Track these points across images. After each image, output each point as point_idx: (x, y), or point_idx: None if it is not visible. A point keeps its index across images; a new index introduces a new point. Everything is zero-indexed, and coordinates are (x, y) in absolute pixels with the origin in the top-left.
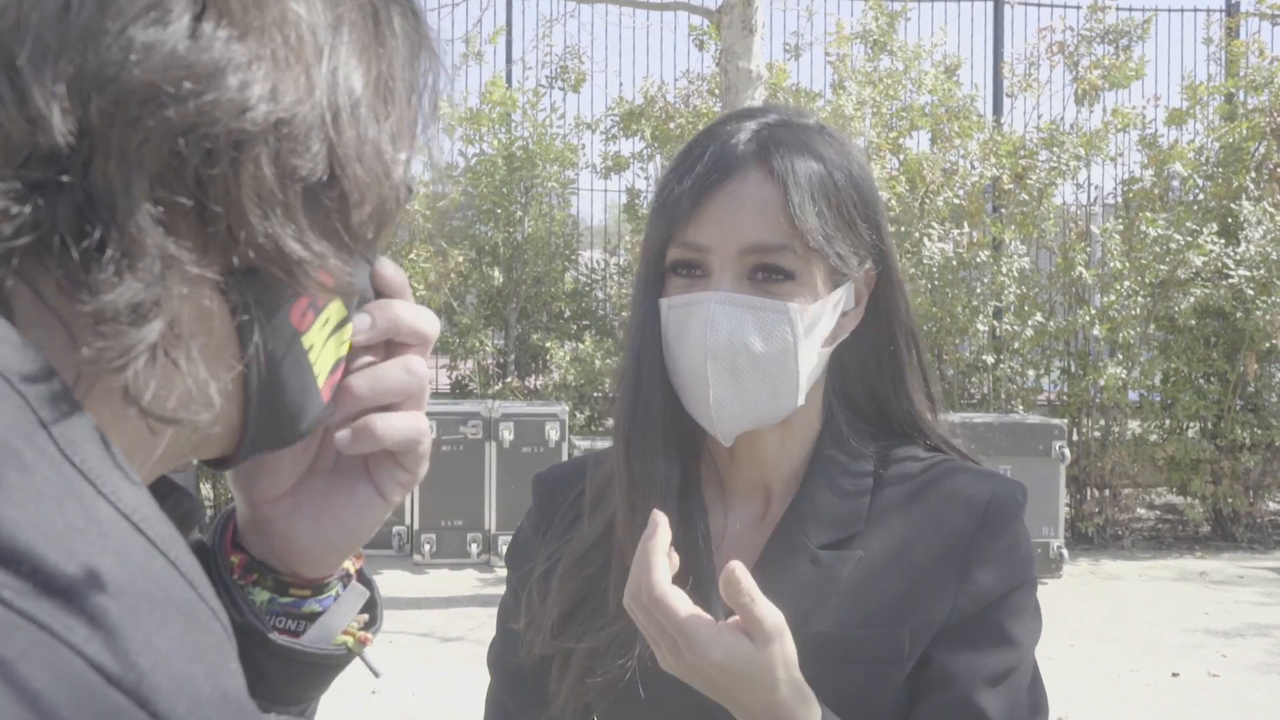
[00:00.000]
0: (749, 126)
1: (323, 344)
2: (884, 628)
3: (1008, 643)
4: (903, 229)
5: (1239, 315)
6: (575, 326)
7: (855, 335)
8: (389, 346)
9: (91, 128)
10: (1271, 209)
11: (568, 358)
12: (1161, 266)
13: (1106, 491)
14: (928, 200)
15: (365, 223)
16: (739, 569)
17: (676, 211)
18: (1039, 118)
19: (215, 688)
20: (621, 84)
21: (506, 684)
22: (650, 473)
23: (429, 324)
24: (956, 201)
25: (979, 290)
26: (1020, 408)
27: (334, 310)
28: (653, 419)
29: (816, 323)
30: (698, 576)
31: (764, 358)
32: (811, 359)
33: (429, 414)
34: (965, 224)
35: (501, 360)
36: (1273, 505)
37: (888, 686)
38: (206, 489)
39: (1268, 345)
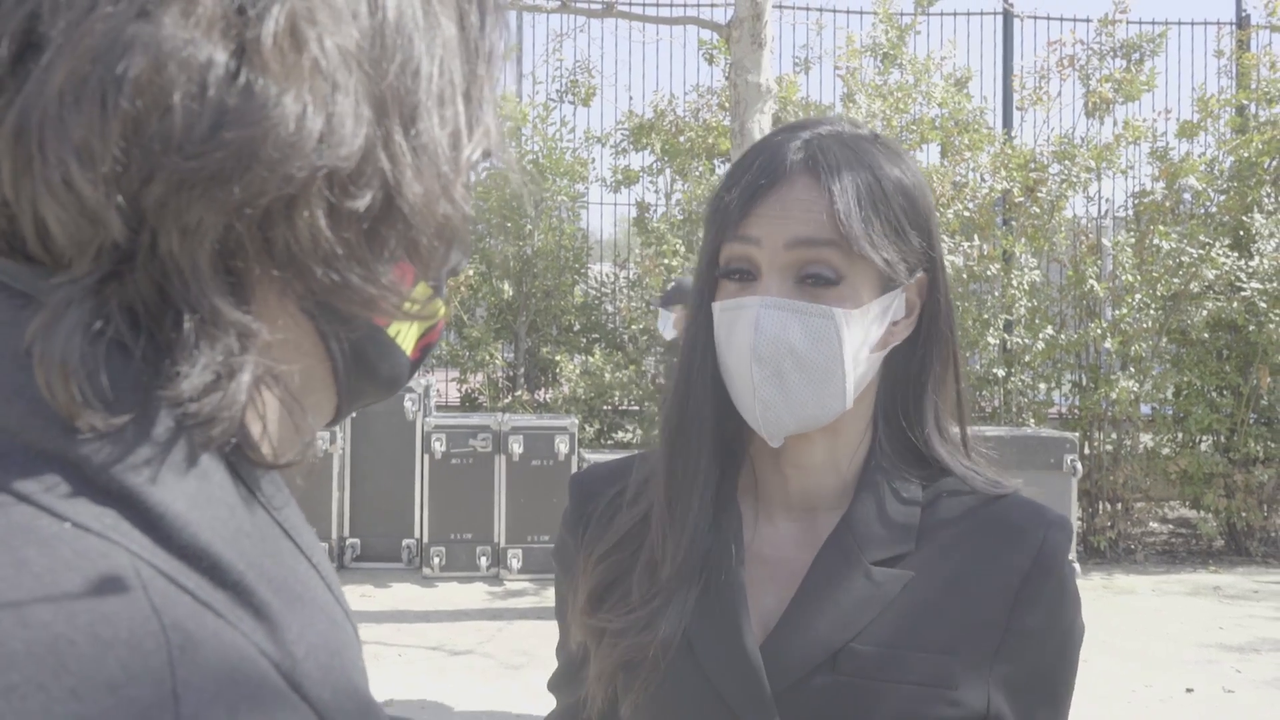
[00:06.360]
0: (800, 137)
1: (410, 324)
2: (933, 651)
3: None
4: None
5: (1252, 328)
6: (585, 340)
7: (905, 345)
8: None
9: (148, 214)
10: None
11: (577, 371)
12: (1174, 280)
13: (1118, 505)
14: (938, 213)
15: (432, 244)
16: None
17: (727, 216)
18: (1050, 130)
19: (349, 682)
20: (631, 98)
21: (559, 675)
22: (692, 470)
23: None
24: (967, 214)
25: (989, 303)
26: (1031, 421)
27: (419, 293)
28: (701, 418)
29: (865, 328)
30: (722, 584)
31: (810, 362)
32: (860, 364)
33: (438, 426)
34: (975, 237)
35: (511, 373)
36: None
37: (936, 709)
38: None
39: None
